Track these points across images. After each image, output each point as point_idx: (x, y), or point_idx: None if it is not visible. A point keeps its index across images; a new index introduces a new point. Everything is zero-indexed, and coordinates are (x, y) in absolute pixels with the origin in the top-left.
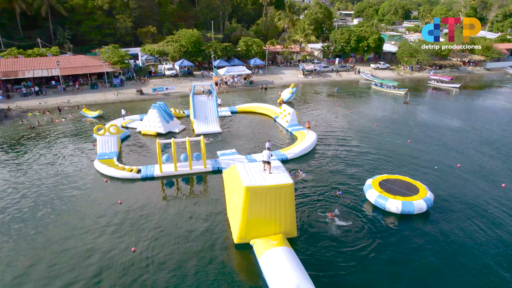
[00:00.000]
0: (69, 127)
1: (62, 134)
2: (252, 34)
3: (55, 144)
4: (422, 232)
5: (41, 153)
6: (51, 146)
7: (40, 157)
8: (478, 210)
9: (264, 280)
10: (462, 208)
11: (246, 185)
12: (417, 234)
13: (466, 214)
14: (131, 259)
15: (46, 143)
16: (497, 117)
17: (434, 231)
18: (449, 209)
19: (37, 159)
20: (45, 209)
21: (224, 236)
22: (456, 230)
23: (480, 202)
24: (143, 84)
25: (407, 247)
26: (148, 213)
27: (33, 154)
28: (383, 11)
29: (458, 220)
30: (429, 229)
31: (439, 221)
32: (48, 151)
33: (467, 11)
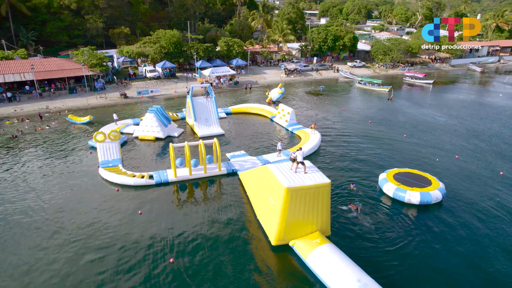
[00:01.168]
0: (56, 135)
1: (51, 143)
2: (227, 34)
3: (47, 155)
4: (443, 221)
5: (34, 165)
6: (43, 157)
7: (34, 169)
8: (487, 195)
9: (314, 279)
10: (472, 195)
11: (286, 186)
12: (441, 223)
13: (479, 201)
14: (172, 270)
15: (36, 154)
16: (474, 110)
17: (454, 220)
18: (462, 197)
19: (31, 172)
20: (70, 236)
21: (258, 239)
22: (474, 218)
23: (486, 189)
24: (125, 87)
25: (439, 238)
26: (173, 220)
27: (25, 167)
28: (347, 11)
29: (473, 208)
30: (449, 217)
31: (455, 209)
32: (42, 163)
33: (423, 11)
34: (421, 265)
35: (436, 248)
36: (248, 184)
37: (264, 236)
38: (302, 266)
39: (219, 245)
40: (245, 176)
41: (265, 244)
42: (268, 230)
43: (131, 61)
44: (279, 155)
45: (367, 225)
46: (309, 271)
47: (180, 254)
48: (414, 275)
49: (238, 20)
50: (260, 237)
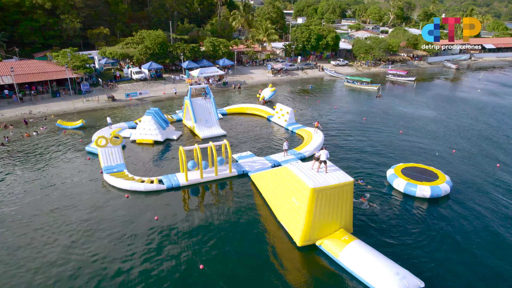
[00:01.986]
0: (47, 142)
1: (43, 150)
2: (209, 34)
3: (42, 163)
4: (458, 213)
5: (31, 175)
6: (38, 165)
7: (31, 179)
8: (491, 186)
9: (349, 277)
10: (477, 187)
11: (312, 186)
12: (457, 215)
13: (484, 192)
14: (200, 276)
15: (30, 163)
16: (459, 106)
17: (467, 212)
18: (467, 189)
19: (31, 182)
20: (86, 247)
21: (281, 241)
22: (485, 209)
23: (488, 180)
24: (111, 90)
25: (460, 231)
26: (191, 225)
27: (20, 177)
28: (322, 10)
29: (481, 199)
30: (462, 209)
31: (465, 201)
32: (39, 173)
33: (395, 11)
34: (451, 260)
35: (459, 241)
36: (263, 186)
37: (287, 238)
38: (333, 265)
39: (244, 249)
40: (258, 177)
41: (289, 246)
42: (292, 231)
43: (112, 63)
44: (285, 155)
45: (385, 219)
46: (341, 268)
47: (207, 260)
48: (446, 270)
49: (219, 20)
50: (284, 238)
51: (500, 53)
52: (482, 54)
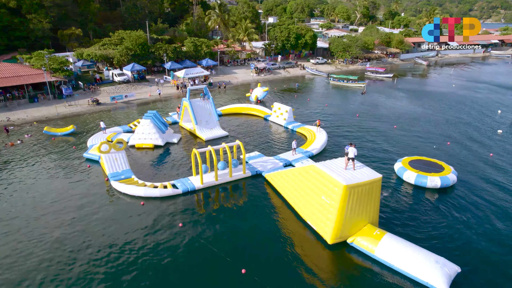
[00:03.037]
0: (37, 151)
1: (34, 160)
2: (185, 35)
3: (36, 174)
4: (472, 203)
5: (27, 189)
6: (33, 178)
7: (31, 193)
8: (492, 174)
9: (389, 271)
10: (479, 175)
11: (345, 184)
12: (472, 205)
13: (488, 180)
14: (240, 279)
15: (23, 175)
16: (440, 100)
17: (480, 200)
18: (471, 178)
19: (33, 197)
20: (132, 268)
21: (308, 240)
22: (493, 197)
23: (487, 168)
24: (93, 93)
25: (481, 222)
26: (216, 229)
27: (17, 192)
28: (291, 9)
29: (487, 186)
30: (475, 198)
31: (472, 189)
32: (37, 185)
33: (361, 10)
34: (475, 245)
35: (478, 227)
36: (282, 185)
37: (315, 237)
38: (366, 260)
39: (275, 251)
40: (275, 177)
41: (318, 244)
42: (321, 229)
43: (88, 65)
44: (294, 153)
45: (402, 209)
46: (377, 263)
47: (243, 263)
48: (474, 257)
49: (195, 20)
50: (311, 238)
51: (463, 50)
52: (447, 51)
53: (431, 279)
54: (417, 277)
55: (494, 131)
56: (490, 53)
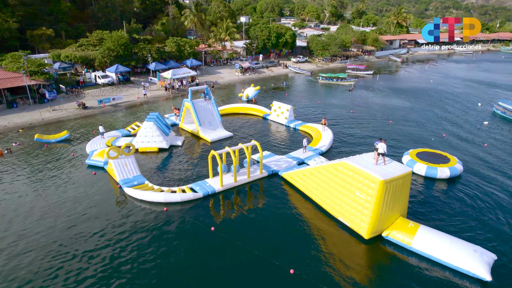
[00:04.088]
0: (29, 160)
1: (28, 170)
2: (163, 35)
3: (44, 186)
4: (478, 186)
5: (36, 203)
6: (37, 190)
7: (44, 208)
8: (493, 163)
9: (428, 262)
10: (481, 164)
11: (382, 178)
12: (477, 188)
13: (491, 167)
14: (298, 279)
15: (20, 187)
16: (424, 95)
17: (488, 184)
18: (475, 168)
19: (46, 212)
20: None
21: (342, 237)
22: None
23: (487, 156)
24: (77, 97)
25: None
26: (249, 232)
27: (22, 211)
28: (261, 9)
29: (492, 173)
30: (481, 183)
31: (479, 177)
32: (46, 196)
33: (330, 9)
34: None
35: (495, 211)
36: (305, 184)
37: (347, 232)
38: (403, 252)
39: (314, 248)
40: (296, 175)
41: (351, 239)
42: (356, 225)
43: (64, 68)
44: (304, 151)
45: (421, 200)
46: (415, 254)
47: (290, 263)
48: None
49: (172, 20)
50: (343, 234)
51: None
52: (416, 48)
53: (472, 268)
54: (458, 266)
55: (480, 123)
56: (454, 50)
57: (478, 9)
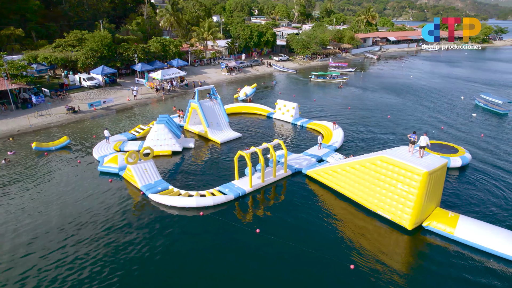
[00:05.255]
0: (34, 170)
1: (36, 181)
2: (140, 34)
3: (50, 197)
4: (489, 173)
5: (51, 219)
6: (47, 201)
7: (64, 228)
8: (496, 150)
9: (471, 251)
10: (485, 152)
11: (426, 170)
12: (489, 175)
13: (496, 154)
14: (355, 274)
15: (38, 201)
16: (409, 91)
17: (499, 170)
18: (480, 155)
19: (79, 230)
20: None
21: (383, 229)
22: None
23: (488, 146)
24: (62, 101)
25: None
26: (294, 231)
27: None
28: (230, 8)
29: (499, 160)
30: (491, 170)
31: (488, 164)
32: (65, 213)
33: (299, 8)
34: None
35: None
36: (336, 180)
37: (387, 225)
38: (445, 240)
39: (360, 243)
40: (324, 172)
41: (394, 231)
42: (398, 217)
43: (39, 71)
44: (320, 148)
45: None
46: (457, 242)
47: (345, 259)
48: None
49: (147, 19)
50: (382, 227)
51: (400, 45)
52: (388, 46)
53: None
54: (503, 253)
55: (469, 115)
56: (421, 47)
57: (431, 8)
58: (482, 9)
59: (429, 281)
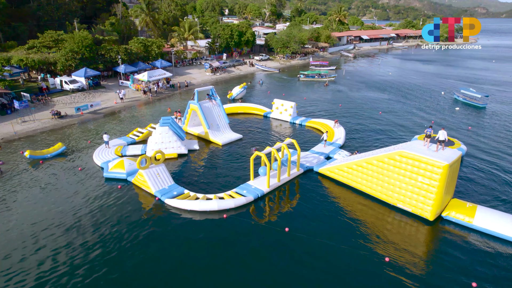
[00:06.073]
0: (32, 181)
1: (43, 195)
2: (116, 35)
3: (76, 209)
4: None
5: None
6: (66, 219)
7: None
8: (483, 140)
9: (489, 238)
10: (476, 144)
11: (447, 163)
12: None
13: (486, 144)
14: (386, 267)
15: (49, 216)
16: (392, 88)
17: (496, 158)
18: (472, 145)
19: (106, 249)
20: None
21: (404, 223)
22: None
23: (479, 138)
24: (45, 105)
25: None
26: (320, 229)
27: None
28: (201, 8)
29: (493, 150)
30: (490, 159)
31: (484, 154)
32: (84, 230)
33: (270, 7)
34: None
35: None
36: (351, 176)
37: (408, 217)
38: (463, 230)
39: (389, 237)
40: (339, 169)
41: (415, 223)
42: (419, 209)
43: (11, 74)
44: (325, 146)
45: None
46: (476, 231)
47: (378, 252)
48: None
49: (123, 19)
50: (403, 219)
51: (372, 43)
52: (361, 44)
53: None
54: None
55: (452, 109)
56: (392, 45)
57: (392, 8)
58: (438, 9)
59: (455, 266)
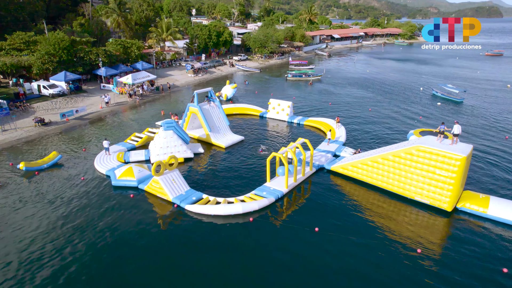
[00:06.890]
0: (35, 195)
1: (52, 212)
2: (86, 36)
3: (93, 225)
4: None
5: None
6: (87, 237)
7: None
8: (472, 131)
9: (500, 226)
10: (466, 135)
11: (465, 155)
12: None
13: (481, 138)
14: (417, 259)
15: (66, 238)
16: (375, 85)
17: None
18: (465, 136)
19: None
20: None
21: (422, 215)
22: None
23: (468, 130)
24: (25, 112)
25: None
26: (350, 224)
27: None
28: (168, 8)
29: (485, 143)
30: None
31: (478, 146)
32: (109, 246)
33: (238, 7)
34: None
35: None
36: (366, 172)
37: (425, 209)
38: (477, 219)
39: (409, 229)
40: (353, 166)
41: (433, 215)
42: (437, 201)
43: None
44: (328, 144)
45: None
46: (490, 220)
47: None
48: None
49: (94, 19)
50: (420, 212)
51: (343, 41)
52: (333, 43)
53: None
54: None
55: (434, 104)
56: (361, 44)
57: (353, 7)
58: (395, 9)
59: (481, 254)
